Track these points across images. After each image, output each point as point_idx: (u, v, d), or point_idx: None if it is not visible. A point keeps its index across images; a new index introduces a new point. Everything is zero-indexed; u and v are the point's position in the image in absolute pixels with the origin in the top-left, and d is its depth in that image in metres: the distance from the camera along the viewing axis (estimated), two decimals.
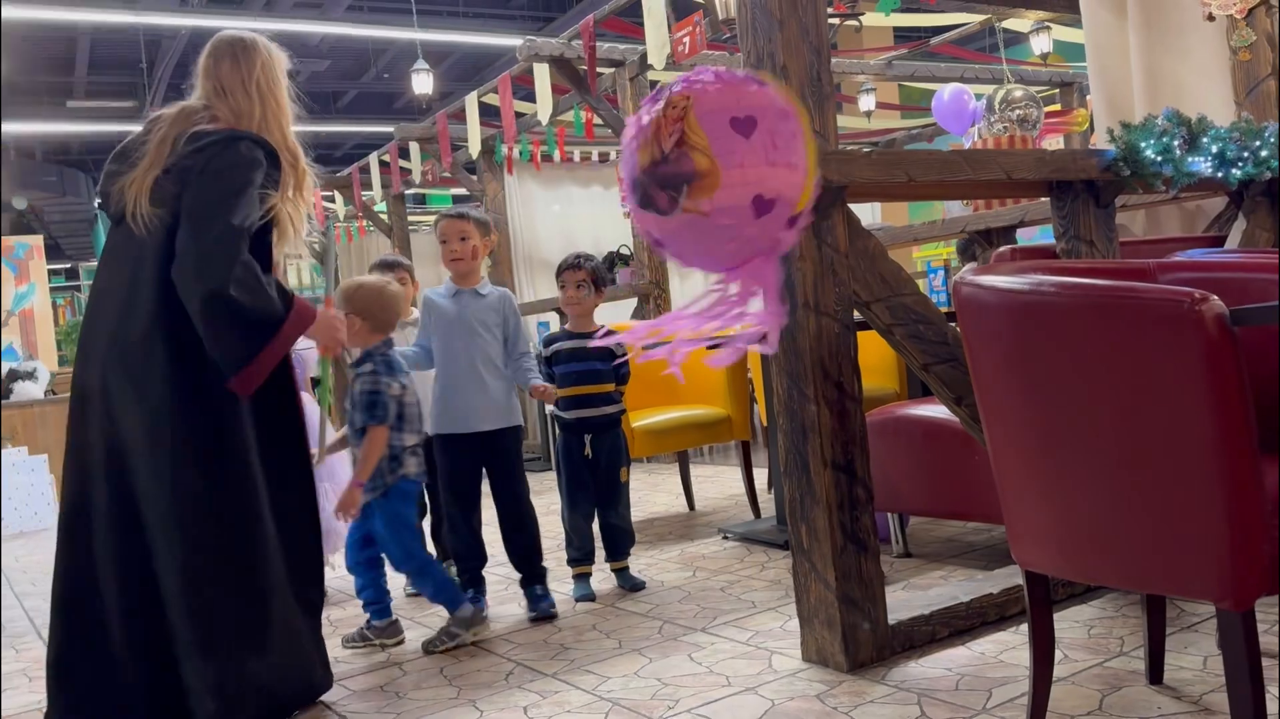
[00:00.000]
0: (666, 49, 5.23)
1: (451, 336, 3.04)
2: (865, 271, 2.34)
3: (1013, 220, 3.50)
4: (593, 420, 3.24)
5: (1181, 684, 2.01)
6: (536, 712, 2.23)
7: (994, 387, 1.75)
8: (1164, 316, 1.49)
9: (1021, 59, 7.87)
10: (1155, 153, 2.59)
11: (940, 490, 2.91)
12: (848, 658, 2.27)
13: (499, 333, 3.07)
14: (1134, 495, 1.56)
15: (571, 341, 3.28)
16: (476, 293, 3.08)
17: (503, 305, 3.10)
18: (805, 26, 2.26)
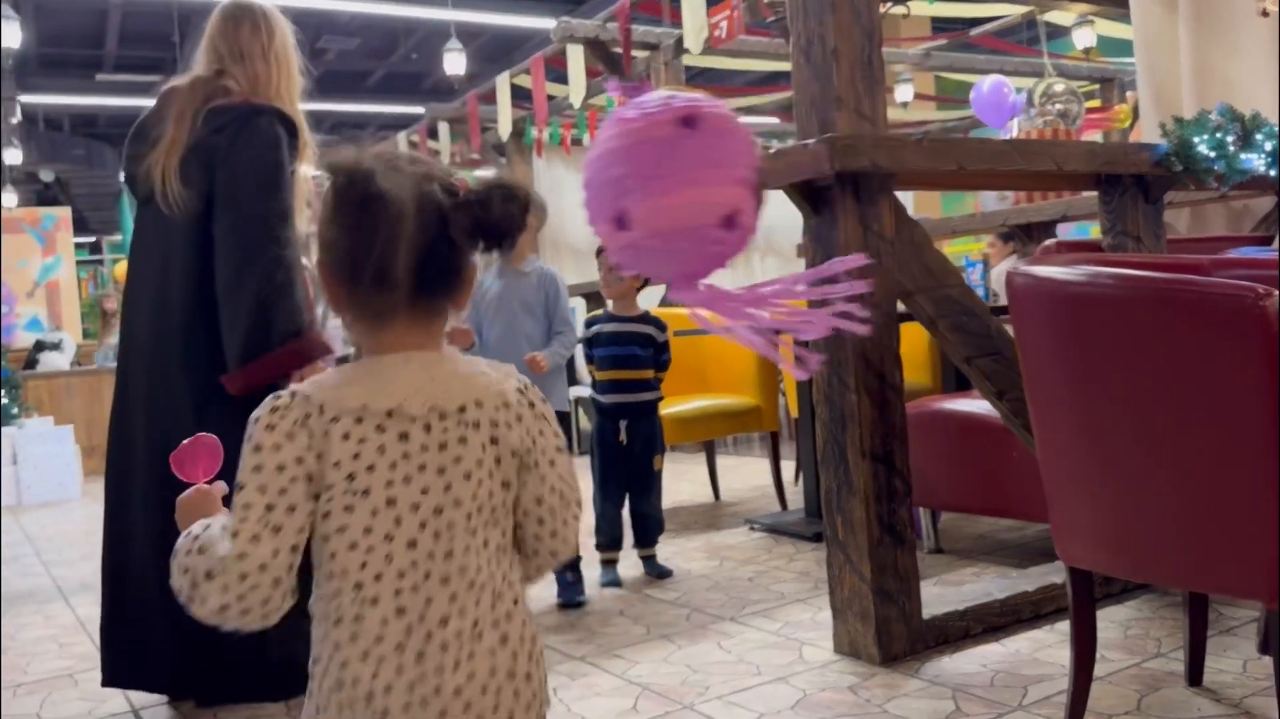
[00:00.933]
0: (704, 33, 5.18)
1: (492, 316, 3.04)
2: (910, 261, 2.31)
3: (1055, 215, 3.46)
4: (629, 406, 3.20)
5: (1221, 687, 1.98)
6: (565, 693, 2.22)
7: (1045, 379, 1.72)
8: (1225, 311, 1.45)
9: (1063, 53, 7.77)
10: (1208, 148, 2.54)
11: (976, 486, 2.88)
12: (880, 651, 2.25)
13: (540, 311, 3.04)
14: (1185, 492, 1.53)
15: (612, 324, 3.23)
16: (519, 271, 3.06)
17: (544, 284, 3.07)
18: (858, 9, 2.22)
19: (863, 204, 2.24)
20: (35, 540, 4.98)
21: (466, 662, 0.95)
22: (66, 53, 13.45)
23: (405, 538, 0.94)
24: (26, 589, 3.79)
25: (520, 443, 1.01)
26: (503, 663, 0.97)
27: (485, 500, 0.98)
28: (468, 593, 0.96)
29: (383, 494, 0.94)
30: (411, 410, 0.95)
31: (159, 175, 2.26)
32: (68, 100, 14.31)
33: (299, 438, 0.94)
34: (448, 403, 0.97)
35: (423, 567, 0.95)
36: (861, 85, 2.23)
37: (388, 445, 0.95)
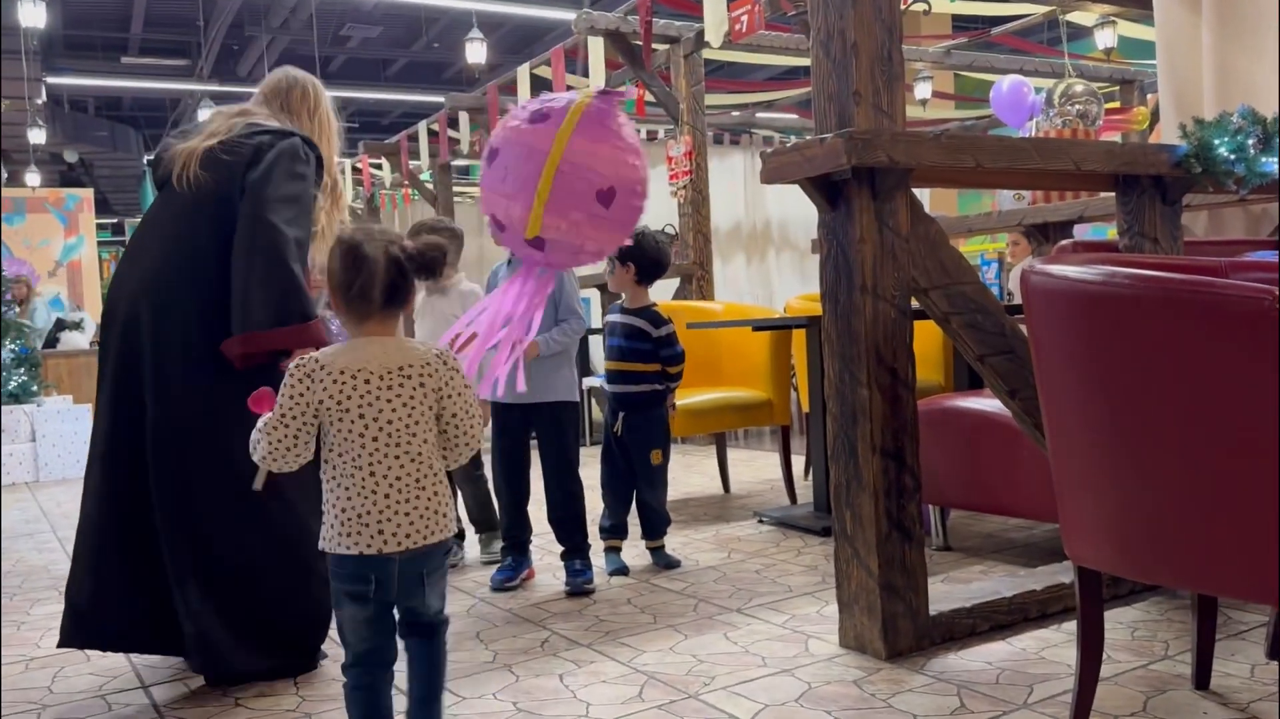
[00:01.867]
0: (724, 27, 5.18)
1: None
2: (925, 257, 2.31)
3: (1071, 215, 3.45)
4: (625, 398, 3.23)
5: (1228, 691, 1.98)
6: (572, 680, 2.23)
7: (1058, 378, 1.72)
8: (1241, 314, 1.45)
9: (1083, 54, 7.72)
10: (1228, 150, 2.53)
11: (986, 485, 2.88)
12: (886, 646, 2.25)
13: (549, 302, 3.05)
14: (1195, 493, 1.53)
15: (617, 316, 3.30)
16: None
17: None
18: (879, 5, 2.22)
19: (879, 200, 2.24)
20: (51, 517, 5.03)
21: (412, 498, 1.73)
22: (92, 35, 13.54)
23: (370, 435, 1.72)
24: (42, 564, 3.84)
25: (436, 384, 1.77)
26: (429, 501, 1.75)
27: (419, 416, 1.75)
28: (410, 463, 1.74)
29: (356, 413, 1.72)
30: (371, 368, 1.73)
31: (182, 159, 2.40)
32: (93, 82, 14.39)
33: (308, 381, 1.72)
34: (392, 364, 1.74)
35: (382, 450, 1.72)
36: (880, 80, 2.23)
37: (358, 388, 1.72)
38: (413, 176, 9.77)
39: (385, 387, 1.72)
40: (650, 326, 3.23)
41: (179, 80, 14.61)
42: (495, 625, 2.68)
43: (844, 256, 2.27)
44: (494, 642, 2.54)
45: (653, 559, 3.27)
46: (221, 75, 14.55)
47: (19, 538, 4.46)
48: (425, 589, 1.76)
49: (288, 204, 2.34)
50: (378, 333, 1.76)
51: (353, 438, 1.70)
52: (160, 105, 17.05)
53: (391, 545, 1.69)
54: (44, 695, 2.34)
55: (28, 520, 4.96)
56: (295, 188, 2.38)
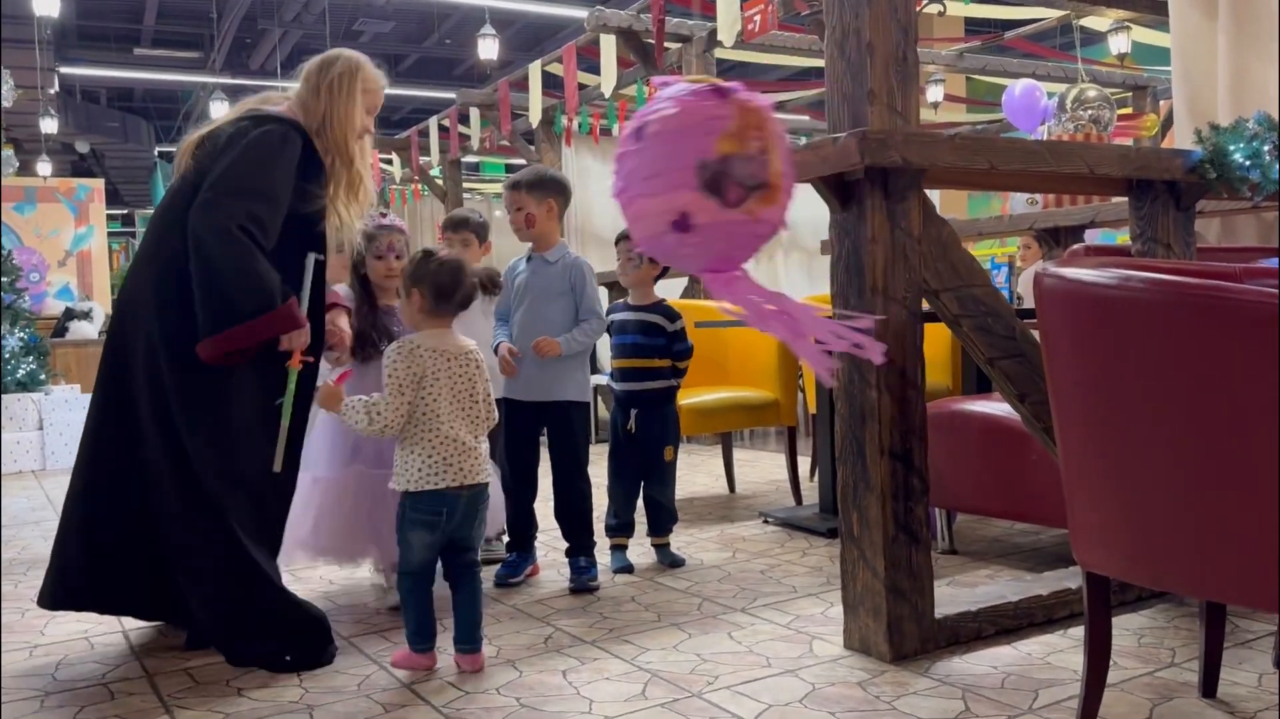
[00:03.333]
0: (738, 26, 5.17)
1: (517, 301, 3.06)
2: (937, 259, 2.30)
3: (1084, 220, 3.43)
4: (638, 394, 3.21)
5: (1235, 700, 1.97)
6: (575, 676, 2.23)
7: (1070, 382, 1.71)
8: (1256, 318, 1.44)
9: (1097, 59, 7.70)
10: (1244, 156, 2.52)
11: (994, 489, 2.87)
12: (891, 648, 2.25)
13: (566, 301, 3.02)
14: (1206, 499, 1.52)
15: (626, 313, 3.26)
16: (545, 260, 3.05)
17: (569, 273, 3.04)
18: (894, 4, 2.21)
19: (891, 200, 2.23)
20: (58, 504, 5.04)
21: (476, 448, 2.32)
22: (105, 26, 13.57)
23: (448, 398, 2.29)
24: (47, 552, 3.83)
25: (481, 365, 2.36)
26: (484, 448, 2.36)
27: (478, 388, 2.35)
28: (473, 423, 2.34)
29: (446, 382, 2.29)
30: (451, 350, 2.32)
31: (180, 149, 2.50)
32: (105, 73, 14.43)
33: (410, 358, 2.27)
34: (461, 349, 2.34)
35: (460, 410, 2.31)
36: (895, 80, 2.22)
37: (446, 363, 2.30)
38: (423, 172, 9.78)
39: (462, 364, 2.32)
40: (666, 321, 3.22)
41: (191, 73, 14.64)
42: (499, 621, 2.67)
43: (855, 257, 2.26)
44: (498, 637, 2.54)
45: (657, 556, 3.26)
46: (234, 68, 14.57)
47: (25, 525, 4.47)
48: (477, 519, 2.33)
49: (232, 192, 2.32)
50: (446, 327, 2.34)
51: (441, 401, 2.27)
52: (172, 97, 17.08)
53: (469, 479, 2.29)
54: (47, 683, 2.34)
55: (34, 508, 4.97)
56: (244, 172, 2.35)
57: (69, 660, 2.50)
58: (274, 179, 2.39)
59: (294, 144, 2.45)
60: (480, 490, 2.32)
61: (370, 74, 2.58)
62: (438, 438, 2.25)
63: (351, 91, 2.52)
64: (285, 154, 2.42)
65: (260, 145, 2.40)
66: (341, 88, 2.52)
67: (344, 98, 2.51)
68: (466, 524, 2.30)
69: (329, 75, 2.52)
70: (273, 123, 2.45)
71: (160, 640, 2.63)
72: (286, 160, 2.42)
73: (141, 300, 2.43)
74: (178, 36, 14.11)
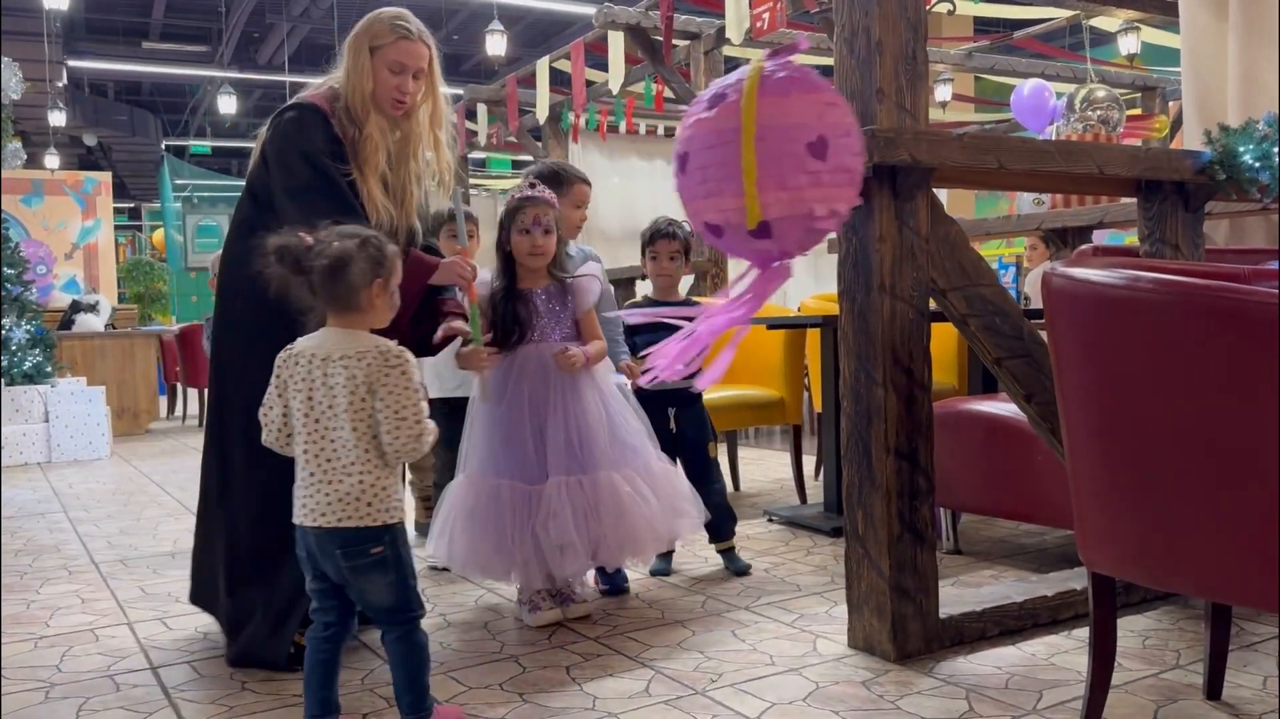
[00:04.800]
0: (746, 24, 5.16)
1: None
2: (944, 259, 2.30)
3: (1092, 220, 3.42)
4: (676, 394, 3.06)
5: (1240, 702, 1.97)
6: (579, 673, 2.23)
7: (1076, 382, 1.71)
8: (1265, 319, 1.44)
9: (1106, 59, 7.68)
10: (1253, 158, 2.51)
11: (1000, 489, 2.86)
12: (895, 647, 2.24)
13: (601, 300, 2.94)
14: (1212, 501, 1.52)
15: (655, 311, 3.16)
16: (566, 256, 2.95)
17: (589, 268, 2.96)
18: (904, 2, 2.20)
19: (899, 199, 2.23)
20: (63, 497, 5.06)
21: (336, 481, 1.80)
22: (114, 20, 13.59)
23: (301, 415, 1.83)
24: (52, 544, 3.86)
25: (367, 377, 1.79)
26: (352, 488, 1.80)
27: (344, 403, 1.80)
28: (331, 446, 1.81)
29: (302, 394, 1.85)
30: (315, 353, 1.83)
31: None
32: (113, 67, 14.45)
33: (277, 365, 1.87)
34: (334, 352, 1.81)
35: (314, 432, 1.82)
36: (904, 79, 2.21)
37: (298, 371, 1.84)
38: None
39: (323, 373, 1.81)
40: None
41: (199, 66, 14.66)
42: (502, 617, 2.67)
43: (863, 255, 2.26)
44: (501, 633, 2.54)
45: (724, 563, 3.10)
46: (241, 62, 14.60)
47: (31, 517, 4.48)
48: (351, 578, 1.82)
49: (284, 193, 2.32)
50: (342, 325, 1.85)
51: (295, 418, 1.85)
52: (180, 91, 17.12)
53: (304, 519, 1.82)
54: (52, 674, 2.35)
55: (40, 500, 4.98)
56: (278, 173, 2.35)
57: (74, 652, 2.51)
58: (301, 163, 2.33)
59: (311, 124, 2.36)
60: (333, 537, 1.79)
61: (379, 28, 2.39)
62: (298, 463, 1.86)
63: (358, 52, 2.39)
64: (303, 133, 2.35)
65: (278, 141, 2.37)
66: (351, 50, 2.40)
67: (352, 60, 2.40)
68: (341, 577, 1.84)
69: (353, 33, 2.43)
70: (289, 112, 2.40)
71: (164, 633, 2.63)
72: (305, 138, 2.34)
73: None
74: (186, 30, 14.13)
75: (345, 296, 1.82)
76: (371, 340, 1.83)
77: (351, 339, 1.83)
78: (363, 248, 1.82)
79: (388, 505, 1.83)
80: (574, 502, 2.49)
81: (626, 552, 2.59)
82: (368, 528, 1.80)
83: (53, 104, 11.69)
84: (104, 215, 12.42)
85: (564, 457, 2.53)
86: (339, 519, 1.79)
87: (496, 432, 2.57)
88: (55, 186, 12.00)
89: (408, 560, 1.87)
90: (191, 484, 5.21)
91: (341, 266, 1.80)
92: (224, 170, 19.42)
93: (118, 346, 8.17)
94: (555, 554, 2.47)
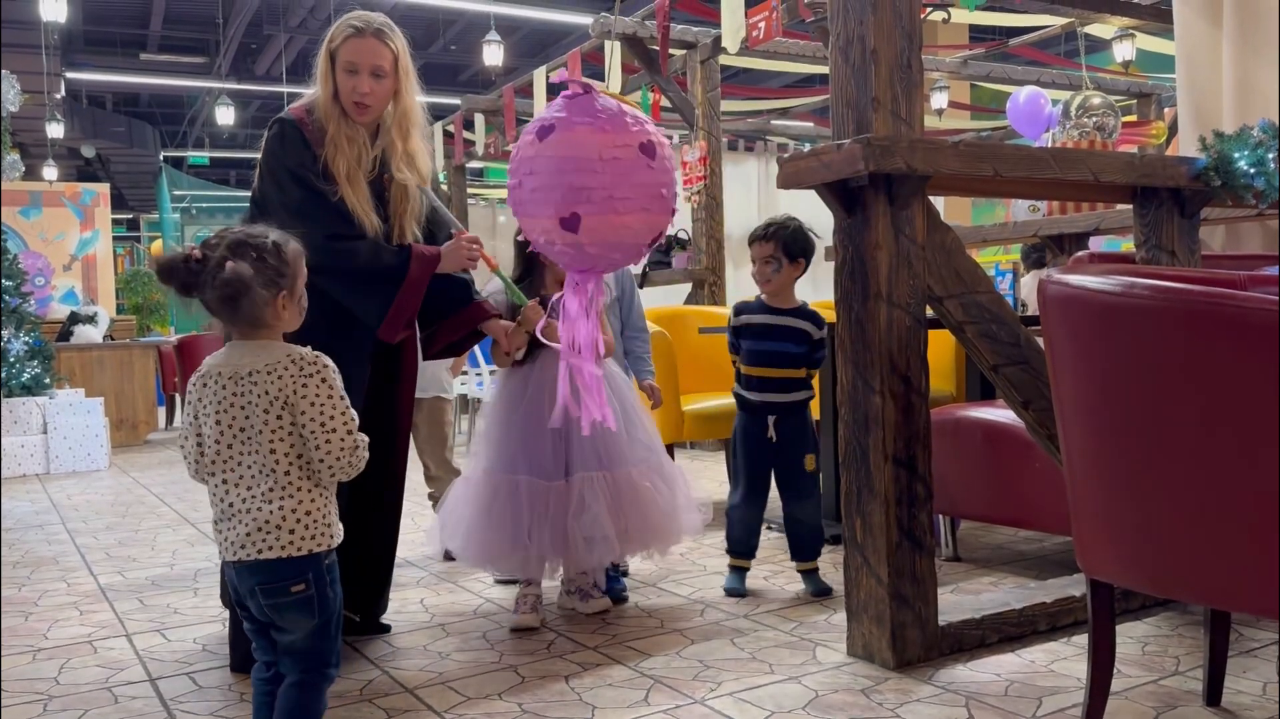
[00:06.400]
0: (742, 33, 5.18)
1: None
2: (941, 266, 2.30)
3: (1088, 227, 3.43)
4: (779, 405, 2.91)
5: (1240, 709, 1.96)
6: (577, 682, 2.23)
7: (1074, 388, 1.71)
8: (1261, 326, 1.44)
9: (1101, 66, 7.70)
10: (1249, 164, 2.51)
11: (998, 496, 2.86)
12: (895, 655, 2.24)
13: (613, 308, 2.97)
14: (1213, 506, 1.52)
15: (764, 316, 2.91)
16: None
17: (621, 277, 2.98)
18: (899, 11, 2.21)
19: (895, 206, 2.23)
20: (61, 508, 5.05)
21: (255, 509, 1.61)
22: (111, 31, 13.61)
23: (213, 437, 1.65)
24: (50, 555, 3.85)
25: (281, 389, 1.61)
26: (271, 515, 1.61)
27: (259, 422, 1.62)
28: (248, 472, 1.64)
29: (212, 416, 1.66)
30: (223, 370, 1.65)
31: None
32: (111, 78, 14.47)
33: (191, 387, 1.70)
34: (243, 368, 1.64)
35: (231, 455, 1.65)
36: (899, 87, 2.22)
37: (206, 392, 1.67)
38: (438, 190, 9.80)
39: (233, 392, 1.63)
40: (814, 328, 2.90)
41: (197, 78, 14.69)
42: (501, 626, 2.67)
43: (860, 263, 2.27)
44: (500, 642, 2.53)
45: (805, 585, 2.93)
46: (239, 74, 14.62)
47: (29, 529, 4.48)
48: (274, 616, 1.63)
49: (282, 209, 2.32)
50: (249, 337, 1.67)
51: (208, 441, 1.65)
52: (178, 102, 17.14)
53: (225, 553, 1.64)
54: (50, 686, 2.34)
55: (38, 512, 4.98)
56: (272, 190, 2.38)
57: (72, 664, 2.50)
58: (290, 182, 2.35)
59: (291, 139, 2.37)
60: (256, 571, 1.61)
61: (337, 29, 2.38)
62: (215, 493, 1.67)
63: (322, 58, 2.39)
64: (286, 150, 2.37)
65: (267, 158, 2.40)
66: (319, 58, 2.41)
67: (318, 67, 2.40)
68: (265, 615, 1.64)
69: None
70: (273, 127, 2.43)
71: (163, 645, 2.63)
72: (289, 154, 2.37)
73: None
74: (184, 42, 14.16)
75: (244, 322, 1.65)
76: (283, 350, 1.65)
77: (261, 351, 1.64)
78: (259, 263, 1.62)
79: (313, 533, 1.62)
80: (602, 496, 2.57)
81: (648, 544, 2.69)
82: (289, 559, 1.60)
83: (51, 116, 11.71)
84: (102, 226, 12.43)
85: (588, 454, 2.60)
86: (259, 551, 1.60)
87: (515, 430, 2.62)
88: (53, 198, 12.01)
89: (335, 605, 1.66)
90: (190, 495, 5.20)
91: (237, 295, 1.60)
92: (222, 181, 19.43)
93: (116, 358, 8.16)
94: (582, 546, 2.54)
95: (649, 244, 2.06)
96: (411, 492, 4.30)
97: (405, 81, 2.43)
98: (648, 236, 2.04)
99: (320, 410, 1.62)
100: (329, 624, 1.65)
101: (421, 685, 2.25)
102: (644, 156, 1.97)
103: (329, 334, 2.36)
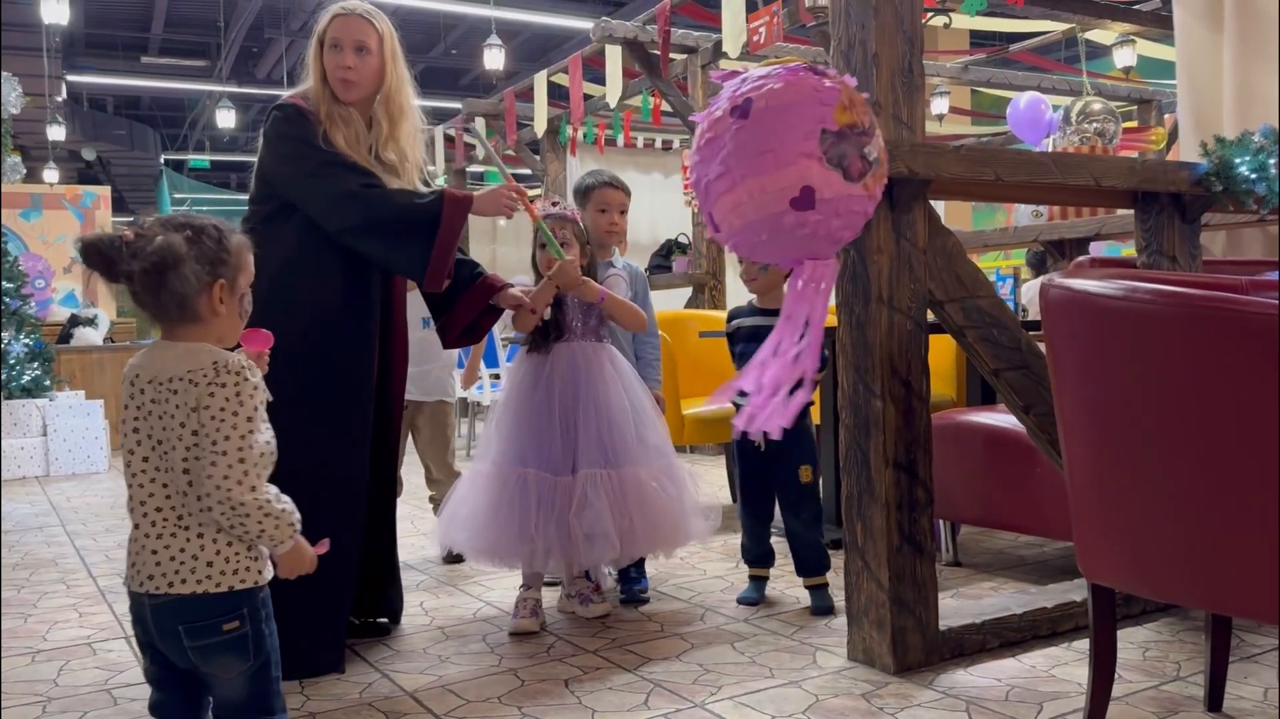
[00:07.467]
0: (743, 37, 5.18)
1: None
2: (942, 270, 2.30)
3: (1089, 232, 3.43)
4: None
5: (1241, 714, 1.96)
6: (577, 686, 2.22)
7: (1075, 393, 1.71)
8: (1262, 330, 1.44)
9: (1102, 72, 7.71)
10: (1249, 169, 2.52)
11: (999, 501, 2.86)
12: (895, 660, 2.24)
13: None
14: (1214, 511, 1.52)
15: (755, 318, 2.84)
16: (609, 264, 2.96)
17: (633, 280, 2.96)
18: (900, 15, 2.22)
19: (896, 211, 2.23)
20: (61, 511, 5.05)
21: (166, 535, 1.41)
22: (113, 34, 13.63)
23: (129, 451, 1.47)
24: (50, 558, 3.84)
25: (192, 399, 1.41)
26: (186, 543, 1.41)
27: (176, 438, 1.42)
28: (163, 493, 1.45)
29: (130, 424, 1.48)
30: (145, 376, 1.47)
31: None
32: (112, 81, 14.49)
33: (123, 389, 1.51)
34: (163, 374, 1.44)
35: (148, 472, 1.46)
36: (901, 91, 2.22)
37: (128, 398, 1.51)
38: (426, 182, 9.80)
39: (152, 399, 1.43)
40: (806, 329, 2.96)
41: (198, 81, 14.70)
42: (500, 629, 2.67)
43: (860, 267, 2.27)
44: (499, 645, 2.53)
45: (811, 600, 2.80)
46: (240, 77, 14.63)
47: (29, 531, 4.47)
48: (199, 661, 1.42)
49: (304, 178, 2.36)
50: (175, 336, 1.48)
51: (127, 455, 1.47)
52: (179, 105, 17.15)
53: (132, 583, 1.44)
54: (49, 688, 2.34)
55: (38, 514, 4.97)
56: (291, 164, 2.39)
57: (71, 666, 2.50)
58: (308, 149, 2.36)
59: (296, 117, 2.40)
60: (177, 608, 1.40)
61: (323, 18, 2.45)
62: (130, 508, 1.47)
63: (313, 46, 2.43)
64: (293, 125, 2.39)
65: (277, 141, 2.40)
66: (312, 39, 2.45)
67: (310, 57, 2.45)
68: (186, 662, 1.43)
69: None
70: (275, 112, 2.44)
71: None
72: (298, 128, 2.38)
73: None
74: (185, 45, 14.17)
75: (173, 305, 1.42)
76: (209, 356, 1.42)
77: (188, 356, 1.43)
78: (195, 241, 1.42)
79: (245, 563, 1.43)
80: (605, 493, 2.55)
81: (651, 545, 2.67)
82: (216, 595, 1.40)
83: (52, 118, 11.71)
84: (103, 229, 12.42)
85: (594, 450, 2.59)
86: (182, 581, 1.39)
87: (525, 424, 2.62)
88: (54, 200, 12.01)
89: (271, 642, 1.46)
90: None
91: (164, 269, 1.39)
92: (223, 184, 19.44)
93: (116, 360, 8.16)
94: (582, 543, 2.52)
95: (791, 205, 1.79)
96: (411, 494, 4.32)
97: (391, 65, 2.46)
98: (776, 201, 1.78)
99: (217, 426, 1.38)
100: (267, 666, 1.45)
101: (421, 689, 2.25)
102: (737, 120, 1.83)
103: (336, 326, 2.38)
